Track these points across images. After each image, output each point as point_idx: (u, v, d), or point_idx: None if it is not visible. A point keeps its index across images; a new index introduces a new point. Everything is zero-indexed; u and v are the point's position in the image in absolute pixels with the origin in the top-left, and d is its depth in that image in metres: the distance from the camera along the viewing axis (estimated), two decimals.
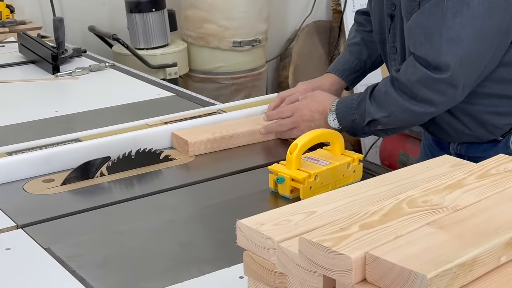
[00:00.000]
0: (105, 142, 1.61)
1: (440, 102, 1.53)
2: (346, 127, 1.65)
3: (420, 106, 1.54)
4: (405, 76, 1.54)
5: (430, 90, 1.51)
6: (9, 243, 1.25)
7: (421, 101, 1.53)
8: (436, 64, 1.48)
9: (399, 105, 1.56)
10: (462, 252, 0.79)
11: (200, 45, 3.50)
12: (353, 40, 1.88)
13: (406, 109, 1.55)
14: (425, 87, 1.51)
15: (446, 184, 0.98)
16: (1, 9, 3.02)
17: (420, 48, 1.50)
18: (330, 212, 0.96)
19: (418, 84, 1.52)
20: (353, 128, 1.65)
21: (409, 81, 1.53)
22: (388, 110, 1.57)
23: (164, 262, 1.18)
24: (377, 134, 1.68)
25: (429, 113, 1.56)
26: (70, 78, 2.36)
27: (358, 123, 1.62)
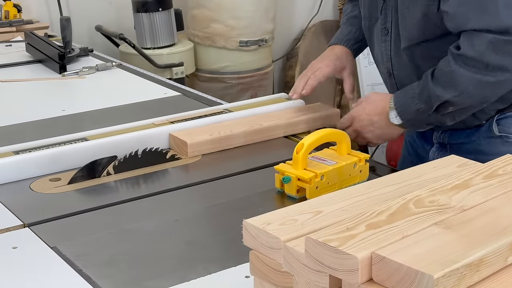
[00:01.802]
0: (111, 141, 1.61)
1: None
2: (410, 120, 1.64)
3: (492, 76, 1.53)
4: (472, 49, 1.53)
5: (501, 55, 1.51)
6: (16, 242, 1.25)
7: (493, 69, 1.52)
8: (501, 29, 1.49)
9: (471, 80, 1.54)
10: (469, 253, 0.79)
11: (206, 44, 3.50)
12: (351, 13, 1.92)
13: (479, 82, 1.54)
14: (497, 53, 1.51)
15: (453, 184, 0.97)
16: (9, 9, 3.03)
17: (479, 21, 1.51)
18: (337, 212, 0.96)
19: (488, 52, 1.51)
20: (417, 120, 1.64)
21: (477, 52, 1.52)
22: (459, 88, 1.55)
23: (170, 261, 1.18)
24: (444, 120, 1.64)
25: (503, 80, 1.54)
26: (77, 77, 2.36)
27: (423, 112, 1.61)
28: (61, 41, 2.52)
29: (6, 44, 2.85)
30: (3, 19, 3.00)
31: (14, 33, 2.95)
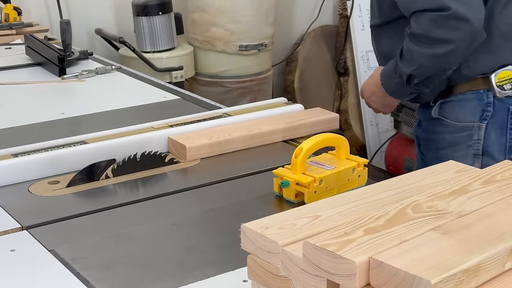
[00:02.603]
0: (110, 144, 1.61)
1: (456, 38, 1.72)
2: (394, 91, 1.91)
3: (440, 48, 1.74)
4: (418, 27, 1.75)
5: (444, 29, 1.72)
6: (14, 245, 1.25)
7: (440, 42, 1.73)
8: (439, 7, 1.70)
9: (423, 55, 1.77)
10: (466, 258, 0.79)
11: (206, 48, 3.50)
12: None
13: (428, 55, 1.76)
14: (439, 27, 1.72)
15: (451, 189, 0.98)
16: (9, 11, 3.03)
17: (420, 3, 1.74)
18: (335, 217, 0.96)
19: (432, 28, 1.73)
20: (399, 91, 1.90)
21: (423, 29, 1.74)
22: (415, 63, 1.78)
23: (168, 265, 1.18)
24: (421, 89, 1.86)
25: (449, 51, 1.74)
26: (76, 80, 2.36)
27: (401, 84, 1.86)
28: (61, 44, 2.52)
29: (6, 46, 2.85)
30: (3, 21, 3.01)
31: (14, 36, 2.96)
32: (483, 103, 1.86)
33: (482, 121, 1.87)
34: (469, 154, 1.89)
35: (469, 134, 1.88)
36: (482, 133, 1.88)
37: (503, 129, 1.88)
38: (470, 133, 1.88)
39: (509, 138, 1.88)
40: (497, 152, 1.89)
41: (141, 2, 3.29)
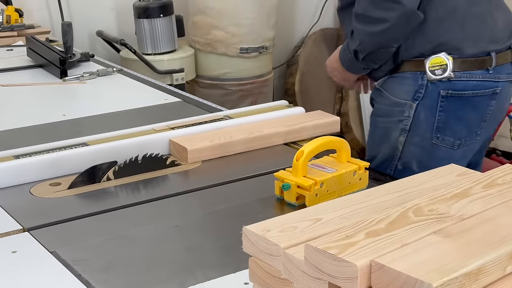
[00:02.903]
0: (112, 146, 1.62)
1: (390, 18, 1.89)
2: (349, 66, 2.09)
3: (377, 26, 1.92)
4: (360, 7, 1.95)
5: (380, 9, 1.90)
6: (15, 246, 1.25)
7: (377, 21, 1.91)
8: None
9: (363, 32, 1.96)
10: (468, 261, 0.79)
11: (207, 51, 3.51)
12: None
13: (368, 32, 1.95)
14: (376, 8, 1.91)
15: (453, 193, 0.98)
16: (10, 13, 3.04)
17: None
18: (336, 220, 0.96)
19: (370, 8, 1.92)
20: (353, 66, 2.08)
21: (363, 9, 1.94)
22: (358, 40, 1.98)
23: (170, 267, 1.19)
24: (370, 64, 2.05)
25: (386, 29, 1.92)
26: (77, 82, 2.37)
27: (353, 60, 2.05)
28: (62, 46, 2.53)
29: (7, 48, 2.86)
30: (4, 23, 3.01)
31: (16, 37, 2.96)
32: (417, 84, 1.99)
33: (414, 101, 2.00)
34: (398, 128, 2.04)
35: (401, 110, 2.02)
36: (412, 111, 2.01)
37: (433, 110, 1.99)
38: (402, 110, 2.02)
39: (438, 119, 2.00)
40: (423, 131, 2.02)
41: (143, 4, 3.29)
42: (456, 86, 1.97)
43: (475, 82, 1.98)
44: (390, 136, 2.06)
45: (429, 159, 2.01)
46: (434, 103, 1.98)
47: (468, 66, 1.97)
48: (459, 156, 2.03)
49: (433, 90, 1.98)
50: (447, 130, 2.01)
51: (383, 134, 2.09)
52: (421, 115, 2.00)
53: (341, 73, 2.15)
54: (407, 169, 2.04)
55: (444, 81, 1.96)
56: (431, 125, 2.00)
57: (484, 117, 2.04)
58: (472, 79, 1.98)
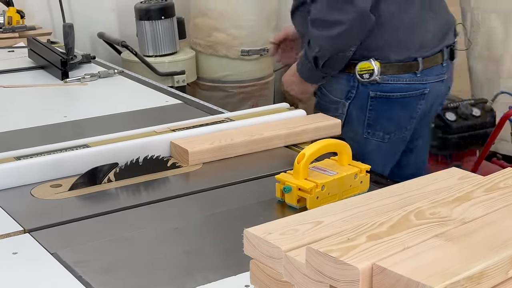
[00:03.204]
0: (113, 148, 1.62)
1: (346, 19, 1.98)
2: (308, 77, 2.16)
3: (333, 29, 2.00)
4: (315, 12, 2.02)
5: (334, 12, 1.98)
6: (16, 248, 1.25)
7: (333, 24, 2.00)
8: None
9: (321, 37, 2.04)
10: (470, 265, 0.79)
11: (208, 53, 3.51)
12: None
13: (325, 37, 2.03)
14: (332, 10, 1.99)
15: (455, 196, 0.98)
16: (12, 14, 3.04)
17: None
18: (338, 223, 0.96)
19: (325, 11, 2.00)
20: (312, 76, 2.16)
21: (319, 13, 2.01)
22: (317, 46, 2.05)
23: (170, 269, 1.18)
24: (329, 72, 2.13)
25: (342, 32, 2.00)
26: (79, 84, 2.37)
27: (312, 69, 2.11)
28: (64, 47, 2.53)
29: (9, 50, 2.86)
30: (6, 24, 3.01)
31: (17, 39, 2.96)
32: (349, 85, 2.16)
33: (347, 100, 2.18)
34: None
35: (336, 108, 2.20)
36: (345, 109, 2.19)
37: (363, 109, 2.17)
38: (336, 107, 2.20)
39: (368, 116, 2.17)
40: (355, 126, 2.19)
41: (144, 6, 3.30)
42: (384, 88, 2.13)
43: (402, 85, 2.13)
44: None
45: (362, 151, 2.15)
46: (364, 103, 2.16)
47: (395, 71, 2.12)
48: (388, 148, 2.22)
49: (363, 91, 2.14)
50: (377, 126, 2.18)
51: None
52: (353, 113, 2.18)
53: (299, 86, 2.21)
54: None
55: (373, 84, 2.12)
56: (362, 122, 2.18)
57: (414, 115, 2.19)
58: (399, 82, 2.13)
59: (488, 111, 3.19)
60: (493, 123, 3.18)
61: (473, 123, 3.14)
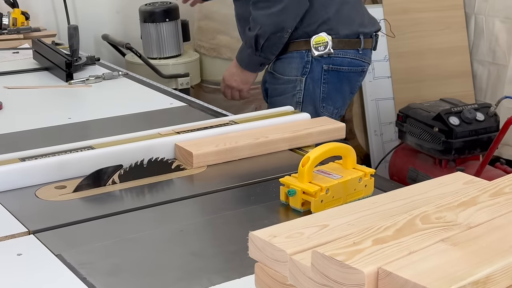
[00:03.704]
0: (117, 150, 1.62)
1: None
2: (247, 64, 2.42)
3: (274, 7, 2.26)
4: None
5: None
6: (21, 249, 1.25)
7: (273, 3, 2.26)
8: None
9: (262, 15, 2.28)
10: (475, 270, 0.79)
11: (212, 56, 3.51)
12: None
13: (266, 14, 2.26)
14: None
15: (460, 201, 0.98)
16: (17, 16, 3.05)
17: None
18: (343, 226, 0.96)
19: None
20: (251, 63, 2.41)
21: None
22: (259, 24, 2.29)
23: (175, 272, 1.18)
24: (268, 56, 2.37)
25: (282, 9, 2.26)
26: (83, 85, 2.37)
27: (251, 54, 2.36)
28: (68, 49, 2.53)
29: (14, 51, 2.87)
30: (11, 26, 3.02)
31: (22, 40, 2.97)
32: (303, 61, 2.38)
33: (303, 75, 2.40)
34: (293, 102, 2.41)
35: (294, 86, 2.41)
36: (302, 85, 2.40)
37: (318, 82, 2.40)
38: (294, 85, 2.41)
39: (322, 90, 2.41)
40: (313, 101, 2.42)
41: (148, 8, 3.30)
42: (335, 61, 2.40)
43: (349, 60, 2.41)
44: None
45: None
46: (319, 76, 2.40)
47: (343, 46, 2.40)
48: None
49: (317, 65, 2.39)
50: (329, 100, 2.43)
51: None
52: (310, 87, 2.40)
53: (240, 76, 2.46)
54: None
55: (326, 57, 2.38)
56: (318, 95, 2.41)
57: (353, 91, 2.51)
58: (346, 57, 2.41)
59: (492, 116, 3.19)
60: (496, 128, 3.17)
61: (476, 128, 3.13)
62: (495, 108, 3.17)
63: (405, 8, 3.69)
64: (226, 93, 2.57)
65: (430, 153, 3.19)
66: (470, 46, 3.77)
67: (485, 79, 3.73)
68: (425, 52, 3.72)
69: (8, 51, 2.85)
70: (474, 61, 3.76)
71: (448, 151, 3.11)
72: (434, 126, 3.13)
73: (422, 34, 3.70)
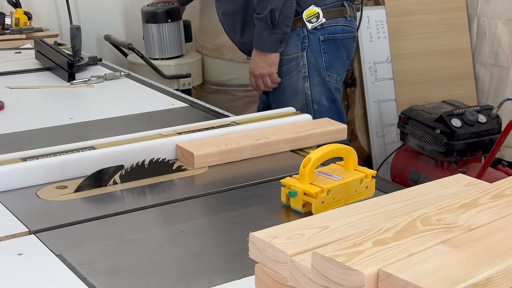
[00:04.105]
0: (118, 150, 1.62)
1: None
2: (269, 46, 2.47)
3: None
4: None
5: None
6: (21, 249, 1.25)
7: None
8: None
9: None
10: (476, 272, 0.79)
11: (214, 56, 3.51)
12: None
13: None
14: None
15: (461, 203, 0.98)
16: (19, 16, 3.05)
17: None
18: (344, 228, 0.96)
19: None
20: (272, 43, 2.47)
21: None
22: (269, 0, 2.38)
23: (175, 272, 1.18)
24: (284, 30, 2.44)
25: None
26: (85, 86, 2.37)
27: (269, 36, 2.44)
28: (71, 49, 2.53)
29: (16, 51, 2.87)
30: (13, 26, 3.02)
31: (24, 40, 2.97)
32: (300, 37, 2.50)
33: (303, 50, 2.51)
34: (300, 78, 2.53)
35: (297, 63, 2.53)
36: (305, 59, 2.52)
37: (319, 53, 2.52)
38: (297, 62, 2.53)
39: (324, 60, 2.53)
40: (318, 71, 2.53)
41: (151, 9, 3.30)
42: (329, 30, 2.52)
43: (341, 27, 2.54)
44: (297, 87, 2.54)
45: (330, 93, 2.55)
46: (318, 47, 2.51)
47: (332, 15, 2.52)
48: (339, 89, 2.61)
49: (314, 37, 2.51)
50: (332, 68, 2.54)
51: (291, 89, 2.55)
52: (312, 60, 2.52)
53: (265, 61, 2.50)
54: (322, 106, 2.55)
55: (319, 29, 2.50)
56: (322, 65, 2.52)
57: (350, 57, 2.62)
58: (338, 25, 2.53)
59: (494, 118, 3.18)
60: (498, 130, 3.17)
61: (478, 130, 3.13)
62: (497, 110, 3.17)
63: (408, 10, 3.68)
64: (258, 85, 2.58)
65: (432, 155, 3.19)
66: (473, 48, 3.76)
67: (488, 81, 3.73)
68: (427, 54, 3.72)
69: (10, 51, 2.86)
70: (477, 63, 3.75)
71: (450, 153, 3.10)
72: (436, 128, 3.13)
73: (424, 36, 3.70)
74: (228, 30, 2.72)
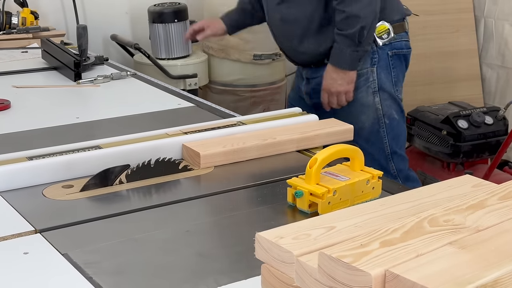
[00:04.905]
0: (124, 150, 1.62)
1: None
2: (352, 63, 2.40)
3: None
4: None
5: None
6: (27, 247, 1.25)
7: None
8: None
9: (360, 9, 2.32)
10: (484, 273, 0.79)
11: (220, 57, 3.51)
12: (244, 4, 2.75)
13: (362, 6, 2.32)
14: None
15: (468, 204, 0.97)
16: (26, 15, 3.06)
17: None
18: (350, 228, 0.95)
19: None
20: (353, 60, 2.40)
21: None
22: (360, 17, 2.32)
23: (181, 272, 1.18)
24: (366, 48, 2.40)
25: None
26: (91, 85, 2.37)
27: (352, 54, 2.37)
28: (77, 49, 2.54)
29: (22, 50, 2.87)
30: (20, 25, 3.03)
31: (31, 39, 2.98)
32: (370, 52, 2.46)
33: (372, 65, 2.49)
34: (369, 93, 2.50)
35: (366, 78, 2.49)
36: (374, 75, 2.50)
37: (388, 69, 2.51)
38: (366, 77, 2.49)
39: (393, 75, 2.53)
40: (387, 86, 2.51)
41: (157, 9, 3.31)
42: (396, 46, 2.51)
43: (404, 42, 2.55)
44: (367, 101, 2.50)
45: (398, 107, 2.54)
46: (387, 63, 2.51)
47: (397, 30, 2.51)
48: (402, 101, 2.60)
49: (383, 53, 2.50)
50: (399, 83, 2.56)
51: (360, 105, 2.50)
52: (382, 76, 2.50)
53: (344, 78, 2.42)
54: (393, 120, 2.53)
55: (387, 44, 2.49)
56: (391, 81, 2.52)
57: (406, 70, 2.62)
58: (402, 40, 2.54)
59: (501, 119, 3.17)
60: (505, 131, 3.16)
61: (485, 131, 3.12)
62: (504, 111, 3.16)
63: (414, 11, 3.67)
64: (331, 102, 2.48)
65: (438, 156, 3.18)
66: (479, 49, 3.75)
67: (494, 83, 3.72)
68: (434, 55, 3.71)
69: (17, 51, 2.86)
70: (483, 64, 3.74)
71: (457, 154, 3.10)
72: (443, 129, 3.12)
73: (431, 37, 3.69)
74: (283, 36, 2.60)
